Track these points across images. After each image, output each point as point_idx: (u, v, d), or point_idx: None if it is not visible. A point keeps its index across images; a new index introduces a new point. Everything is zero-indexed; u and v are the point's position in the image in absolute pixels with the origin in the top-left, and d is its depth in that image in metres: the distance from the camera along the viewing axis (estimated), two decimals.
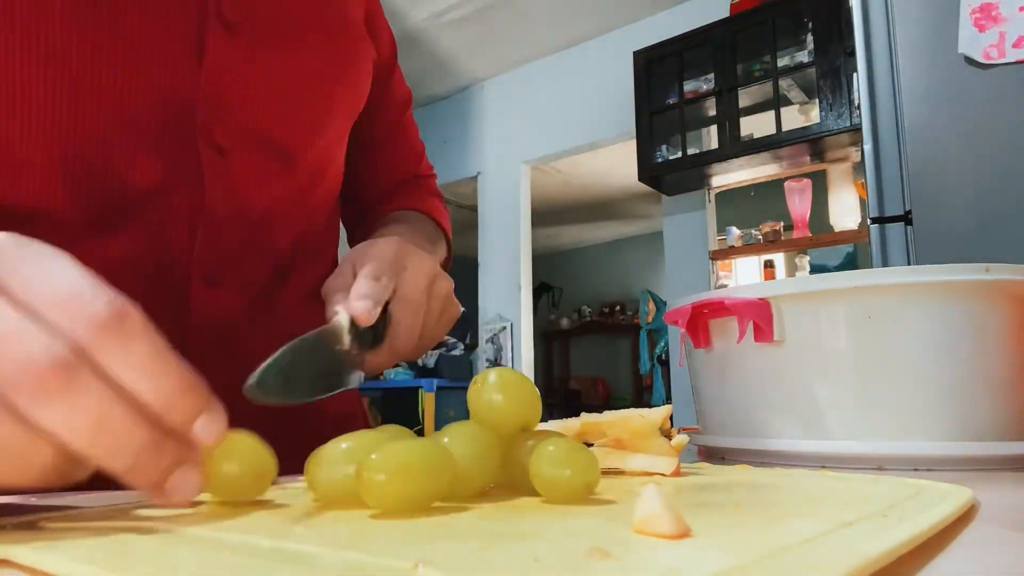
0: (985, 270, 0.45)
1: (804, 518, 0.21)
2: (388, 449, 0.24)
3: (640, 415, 0.35)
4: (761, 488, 0.30)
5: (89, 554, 0.19)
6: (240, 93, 0.48)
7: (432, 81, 4.21)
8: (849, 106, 2.53)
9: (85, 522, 0.24)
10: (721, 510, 0.24)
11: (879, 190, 1.29)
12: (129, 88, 0.43)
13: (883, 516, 0.21)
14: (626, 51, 3.39)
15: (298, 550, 0.18)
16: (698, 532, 0.19)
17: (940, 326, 0.45)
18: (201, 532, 0.21)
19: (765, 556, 0.16)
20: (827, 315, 0.47)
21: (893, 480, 0.31)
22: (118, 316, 0.22)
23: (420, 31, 3.67)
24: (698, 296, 0.53)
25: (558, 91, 3.93)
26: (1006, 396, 0.45)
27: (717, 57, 2.90)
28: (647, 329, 5.80)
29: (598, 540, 0.18)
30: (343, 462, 0.26)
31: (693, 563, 0.15)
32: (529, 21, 3.65)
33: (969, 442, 0.43)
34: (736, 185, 3.23)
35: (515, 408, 0.30)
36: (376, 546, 0.19)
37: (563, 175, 5.30)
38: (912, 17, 1.27)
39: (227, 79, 0.47)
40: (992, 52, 1.17)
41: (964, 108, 1.20)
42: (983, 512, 0.26)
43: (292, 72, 0.51)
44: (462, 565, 0.16)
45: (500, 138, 4.21)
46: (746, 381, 0.51)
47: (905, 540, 0.18)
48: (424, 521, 0.23)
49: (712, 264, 3.20)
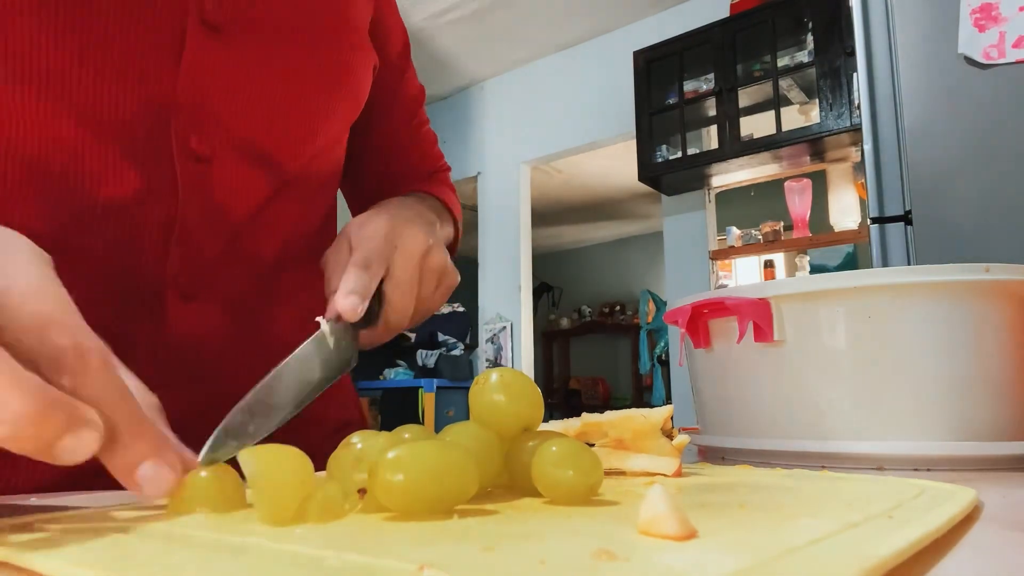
0: (985, 270, 0.45)
1: (810, 519, 0.21)
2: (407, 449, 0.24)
3: (641, 415, 0.35)
4: (764, 488, 0.29)
5: (86, 556, 0.18)
6: (221, 99, 0.46)
7: (432, 81, 4.21)
8: (849, 106, 2.53)
9: (82, 523, 0.24)
10: (725, 511, 0.24)
11: (879, 190, 1.29)
12: (104, 95, 0.42)
13: (888, 517, 0.21)
14: (626, 51, 3.39)
15: (300, 552, 0.18)
16: (704, 533, 0.19)
17: (940, 326, 0.45)
18: (200, 534, 0.21)
19: (774, 558, 0.15)
20: (827, 315, 0.47)
21: (895, 480, 0.31)
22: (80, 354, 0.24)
23: (420, 31, 3.67)
24: (698, 296, 0.53)
25: (558, 91, 3.93)
26: (1006, 396, 0.45)
27: (717, 57, 2.90)
28: (647, 329, 5.80)
29: (604, 541, 0.18)
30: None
31: (702, 565, 0.15)
32: (529, 21, 3.65)
33: (969, 442, 0.43)
34: (736, 185, 3.23)
35: (517, 408, 0.29)
36: (379, 548, 0.19)
37: (563, 175, 5.30)
38: (912, 17, 1.27)
39: (207, 84, 0.45)
40: (992, 52, 1.17)
41: (964, 108, 1.20)
42: (985, 512, 0.26)
43: (279, 78, 0.49)
44: (468, 567, 0.16)
45: (500, 138, 4.21)
46: (746, 381, 0.51)
47: (914, 541, 0.18)
48: (426, 523, 0.22)
49: (712, 264, 3.20)
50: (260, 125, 0.49)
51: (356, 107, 0.57)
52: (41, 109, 0.40)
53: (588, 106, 3.78)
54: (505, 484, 0.30)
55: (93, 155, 0.42)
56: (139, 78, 0.43)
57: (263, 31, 0.48)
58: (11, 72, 0.39)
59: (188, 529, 0.22)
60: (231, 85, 0.47)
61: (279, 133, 0.50)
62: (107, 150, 0.43)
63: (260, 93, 0.48)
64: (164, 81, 0.44)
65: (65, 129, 0.41)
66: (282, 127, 0.50)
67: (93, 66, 0.41)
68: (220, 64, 0.46)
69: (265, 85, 0.48)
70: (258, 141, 0.49)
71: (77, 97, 0.41)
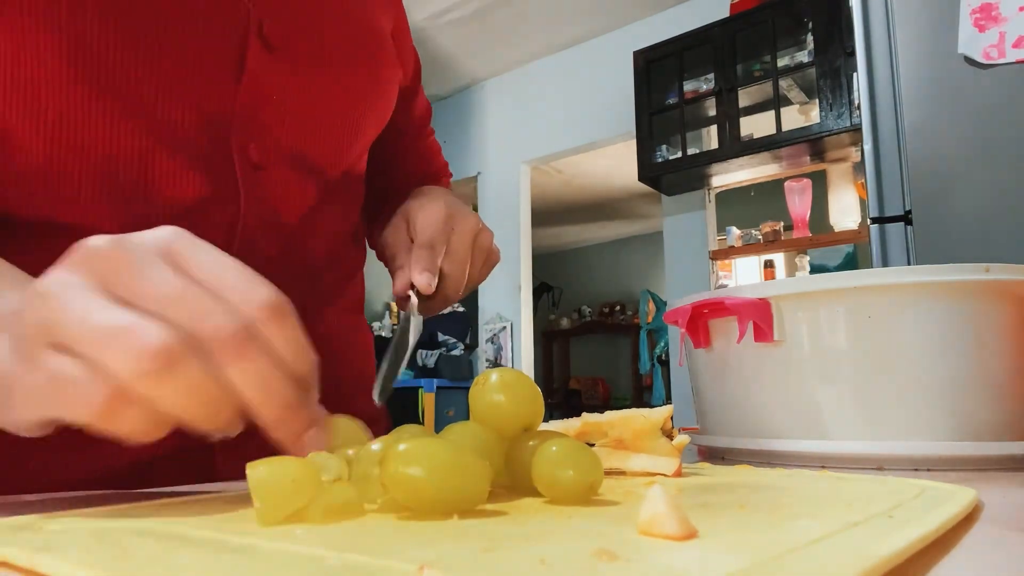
0: (985, 270, 0.45)
1: (810, 519, 0.21)
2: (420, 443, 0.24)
3: (642, 415, 0.35)
4: (764, 488, 0.29)
5: (88, 556, 0.18)
6: (276, 112, 0.49)
7: (432, 81, 4.21)
8: (849, 106, 2.53)
9: (82, 524, 0.24)
10: (726, 511, 0.24)
11: (879, 190, 1.29)
12: (170, 105, 0.44)
13: (889, 517, 0.21)
14: (626, 51, 3.39)
15: (300, 552, 0.18)
16: (704, 533, 0.19)
17: (940, 326, 0.45)
18: (201, 534, 0.21)
19: (774, 558, 0.15)
20: (827, 315, 0.47)
21: (896, 480, 0.31)
22: (279, 304, 0.27)
23: (420, 31, 3.67)
24: (698, 296, 0.53)
25: (558, 91, 3.93)
26: (1006, 396, 0.45)
27: (717, 57, 2.90)
28: (647, 329, 5.80)
29: (604, 541, 0.18)
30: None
31: (702, 565, 0.15)
32: (529, 21, 3.65)
33: (969, 442, 0.43)
34: (736, 185, 3.23)
35: (517, 409, 0.30)
36: (379, 548, 0.19)
37: (563, 175, 5.30)
38: (912, 17, 1.27)
39: (264, 98, 0.48)
40: (992, 52, 1.17)
41: (964, 108, 1.20)
42: (985, 512, 0.26)
43: (326, 93, 0.52)
44: (468, 567, 0.16)
45: (500, 138, 4.21)
46: (746, 381, 0.51)
47: (914, 541, 0.18)
48: (426, 523, 0.22)
49: (712, 264, 3.20)
50: (307, 136, 0.52)
51: (385, 119, 0.61)
52: (112, 117, 0.42)
53: (588, 106, 3.78)
54: (505, 484, 0.30)
55: (160, 162, 0.44)
56: (202, 90, 0.45)
57: (313, 49, 0.52)
58: (83, 78, 0.41)
59: (188, 529, 0.22)
60: (285, 98, 0.50)
61: (323, 143, 0.53)
62: (172, 157, 0.45)
63: (308, 106, 0.51)
64: (225, 94, 0.46)
65: (133, 136, 0.43)
66: (326, 138, 0.53)
67: (160, 76, 0.43)
68: (275, 79, 0.49)
69: (313, 98, 0.51)
70: (306, 150, 0.52)
71: (144, 106, 0.43)
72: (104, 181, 0.43)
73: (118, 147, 0.43)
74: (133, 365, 0.24)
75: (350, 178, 0.58)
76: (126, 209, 0.44)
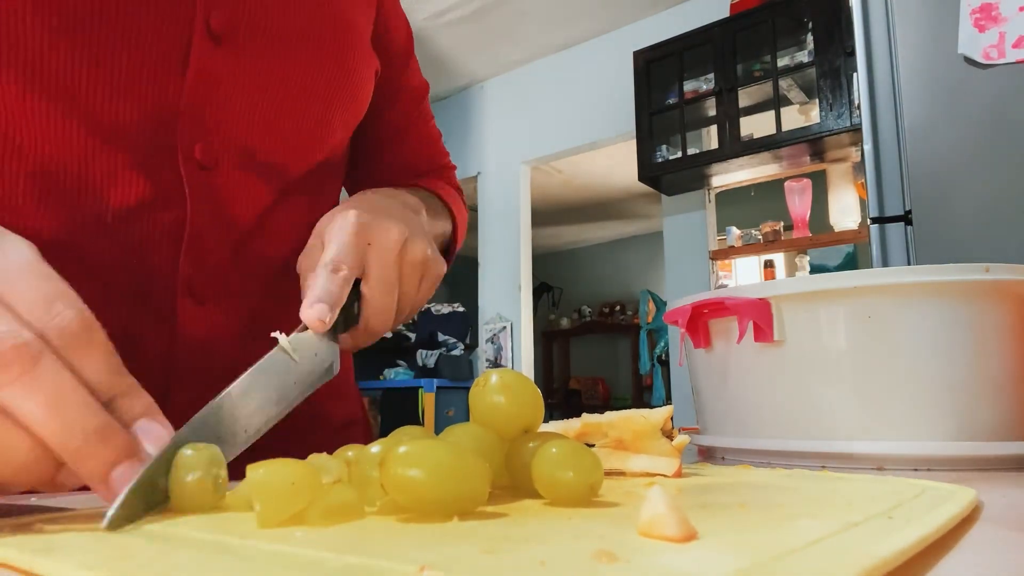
0: (985, 270, 0.45)
1: (810, 519, 0.21)
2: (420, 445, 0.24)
3: (642, 416, 0.35)
4: (764, 488, 0.29)
5: (87, 557, 0.18)
6: (223, 107, 0.46)
7: (432, 81, 4.20)
8: (849, 106, 2.53)
9: (82, 524, 0.24)
10: (726, 511, 0.24)
11: (879, 190, 1.29)
12: (111, 103, 0.42)
13: (888, 517, 0.21)
14: (626, 51, 3.39)
15: (300, 554, 0.18)
16: (705, 534, 0.19)
17: (940, 326, 0.45)
18: (201, 535, 0.21)
19: (774, 558, 0.15)
20: (827, 315, 0.47)
21: (895, 480, 0.31)
22: (81, 321, 0.25)
23: (420, 31, 3.67)
24: (698, 296, 0.53)
25: (558, 91, 3.93)
26: (1006, 396, 0.45)
27: (717, 57, 2.90)
28: (647, 329, 5.80)
29: (604, 543, 0.18)
30: None
31: (703, 566, 0.15)
32: (529, 21, 3.65)
33: (969, 442, 0.43)
34: (736, 185, 3.23)
35: (517, 410, 0.30)
36: (379, 550, 0.19)
37: (563, 175, 5.30)
38: (912, 17, 1.27)
39: (210, 93, 0.46)
40: (992, 52, 1.17)
41: (964, 108, 1.20)
42: (985, 512, 0.26)
43: (282, 86, 0.49)
44: (468, 569, 0.16)
45: (500, 138, 4.21)
46: (746, 381, 0.51)
47: (914, 541, 0.18)
48: (426, 525, 0.22)
49: (712, 264, 3.20)
50: (262, 133, 0.49)
51: (358, 113, 0.57)
52: (50, 116, 0.41)
53: (588, 106, 3.78)
54: (505, 485, 0.30)
55: (102, 162, 0.43)
56: (146, 87, 0.43)
57: (266, 41, 0.49)
58: (21, 79, 0.39)
59: (188, 530, 0.22)
60: (233, 94, 0.47)
61: (281, 140, 0.50)
62: (115, 157, 0.43)
63: (262, 101, 0.48)
64: (170, 90, 0.44)
65: (74, 136, 0.41)
66: (284, 134, 0.50)
67: (101, 74, 0.41)
68: (224, 73, 0.46)
69: (267, 94, 0.49)
70: (261, 148, 0.49)
71: (85, 105, 0.41)
72: (43, 183, 0.42)
73: (57, 147, 0.41)
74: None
75: (317, 176, 0.55)
76: (67, 212, 0.43)
